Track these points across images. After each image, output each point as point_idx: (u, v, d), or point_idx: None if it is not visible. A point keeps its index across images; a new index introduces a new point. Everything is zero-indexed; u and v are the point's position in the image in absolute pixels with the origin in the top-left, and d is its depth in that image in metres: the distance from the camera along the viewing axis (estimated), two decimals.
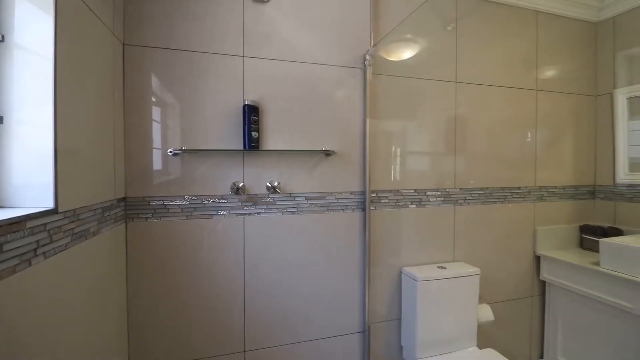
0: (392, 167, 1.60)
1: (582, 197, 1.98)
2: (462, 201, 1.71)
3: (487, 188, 1.76)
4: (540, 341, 1.90)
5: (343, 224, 1.49)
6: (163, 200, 1.27)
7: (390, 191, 1.58)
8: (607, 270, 1.51)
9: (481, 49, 1.73)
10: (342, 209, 1.49)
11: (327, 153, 1.43)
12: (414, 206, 1.63)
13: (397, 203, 1.60)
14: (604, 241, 1.56)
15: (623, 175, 1.87)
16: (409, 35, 1.64)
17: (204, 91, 1.31)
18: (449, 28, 1.70)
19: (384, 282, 1.58)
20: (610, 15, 1.93)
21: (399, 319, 1.60)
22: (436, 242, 1.67)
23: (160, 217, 1.27)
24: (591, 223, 1.93)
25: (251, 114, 1.32)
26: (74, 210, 0.89)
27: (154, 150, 1.26)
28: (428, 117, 1.65)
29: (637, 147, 1.83)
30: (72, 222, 0.87)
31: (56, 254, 0.80)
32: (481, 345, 1.57)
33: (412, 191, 1.62)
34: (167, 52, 1.27)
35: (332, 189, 1.47)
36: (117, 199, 1.17)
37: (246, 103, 1.31)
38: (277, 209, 1.40)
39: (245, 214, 1.36)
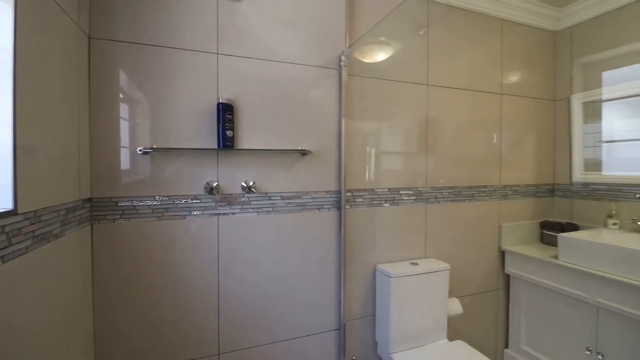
0: (367, 166, 1.63)
1: (542, 195, 2.11)
2: (433, 199, 1.78)
3: (456, 187, 1.84)
4: (505, 332, 2.01)
5: (319, 223, 1.51)
6: (132, 201, 1.23)
7: (365, 190, 1.61)
8: (565, 263, 1.62)
9: (451, 54, 1.81)
10: (318, 208, 1.50)
11: (303, 153, 1.44)
12: (387, 205, 1.67)
13: (372, 202, 1.63)
14: (561, 236, 1.68)
15: (579, 174, 2.02)
16: (382, 38, 1.68)
17: (176, 88, 1.28)
18: (421, 32, 1.76)
19: (359, 279, 1.61)
20: (568, 25, 2.07)
21: (374, 315, 1.64)
22: (409, 239, 1.72)
23: (129, 218, 1.23)
24: (550, 219, 2.07)
25: (225, 113, 1.30)
26: (35, 211, 0.84)
27: (121, 149, 1.21)
28: (401, 119, 1.70)
29: (590, 149, 1.98)
30: (32, 224, 0.83)
31: (15, 258, 0.76)
32: (451, 337, 1.64)
33: (386, 190, 1.67)
34: (136, 47, 1.22)
35: (308, 188, 1.48)
36: (83, 199, 1.12)
37: (220, 101, 1.30)
38: (253, 208, 1.39)
39: (219, 214, 1.34)
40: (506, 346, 2.02)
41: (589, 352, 1.55)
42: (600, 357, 1.50)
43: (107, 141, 1.20)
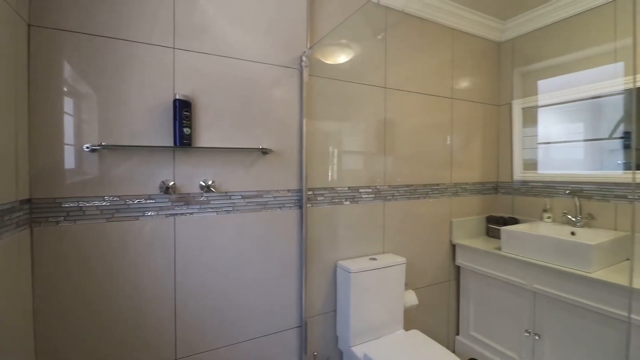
0: (328, 165, 1.67)
1: (487, 192, 2.30)
2: (391, 197, 1.86)
3: (412, 185, 1.94)
4: (456, 319, 2.16)
5: (280, 221, 1.51)
6: (78, 202, 1.15)
7: (326, 189, 1.65)
8: (507, 254, 1.78)
9: (406, 59, 1.90)
10: (280, 207, 1.51)
11: (264, 151, 1.44)
12: (348, 203, 1.72)
13: (333, 200, 1.67)
14: (503, 229, 1.84)
15: (518, 173, 2.22)
16: (343, 41, 1.73)
17: (130, 83, 1.21)
18: (379, 37, 1.83)
19: (320, 276, 1.64)
20: (510, 37, 2.27)
21: (335, 310, 1.68)
22: (368, 235, 1.79)
23: (75, 220, 1.15)
24: (495, 214, 2.25)
25: (182, 109, 1.27)
26: None
27: (65, 147, 1.13)
28: (361, 120, 1.76)
29: (529, 150, 2.19)
30: None
31: None
32: (407, 327, 1.73)
33: (347, 189, 1.72)
34: (84, 38, 1.14)
35: (269, 187, 1.48)
36: (20, 200, 1.02)
37: (177, 97, 1.25)
38: (212, 208, 1.36)
39: (176, 214, 1.30)
40: (457, 333, 2.16)
41: (528, 334, 1.71)
42: (537, 337, 1.67)
43: (49, 138, 1.11)
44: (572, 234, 1.80)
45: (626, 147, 1.77)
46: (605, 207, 1.78)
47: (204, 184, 1.33)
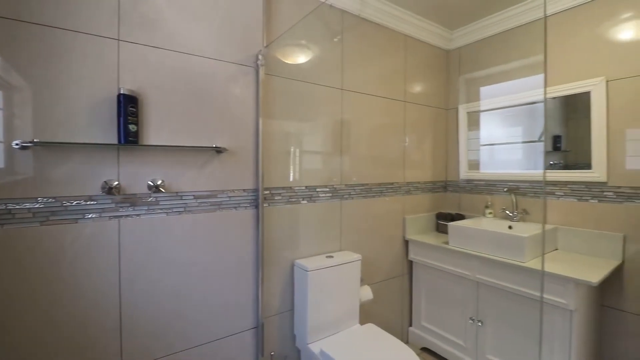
0: (285, 165, 1.67)
1: (437, 191, 2.45)
2: (347, 196, 1.91)
3: (368, 184, 2.01)
4: (409, 312, 2.27)
5: (235, 222, 1.49)
6: (6, 204, 1.04)
7: (283, 188, 1.65)
8: (453, 247, 1.91)
9: (363, 62, 1.96)
10: (235, 207, 1.48)
11: (219, 150, 1.40)
12: (305, 202, 1.74)
13: (290, 199, 1.68)
14: (450, 225, 1.97)
15: (464, 173, 2.39)
16: (303, 41, 1.74)
17: (68, 75, 1.12)
18: (336, 39, 1.87)
19: (277, 276, 1.64)
20: (457, 46, 2.43)
21: (292, 309, 1.69)
22: (325, 234, 1.82)
23: (3, 224, 1.04)
24: (444, 211, 2.41)
25: (128, 105, 1.20)
26: None
27: None
28: (319, 120, 1.79)
29: (473, 152, 2.36)
30: None
31: None
32: (362, 321, 1.78)
33: (304, 188, 1.73)
34: (14, 24, 1.04)
35: (224, 187, 1.45)
36: None
37: (122, 92, 1.18)
38: (161, 209, 1.30)
39: (120, 216, 1.22)
40: (410, 324, 2.28)
41: (472, 321, 1.85)
42: (480, 323, 1.81)
43: None
44: (510, 227, 1.98)
45: (556, 149, 1.98)
46: (537, 203, 1.98)
47: (152, 183, 1.27)
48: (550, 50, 1.91)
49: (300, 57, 1.74)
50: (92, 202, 1.17)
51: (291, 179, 1.69)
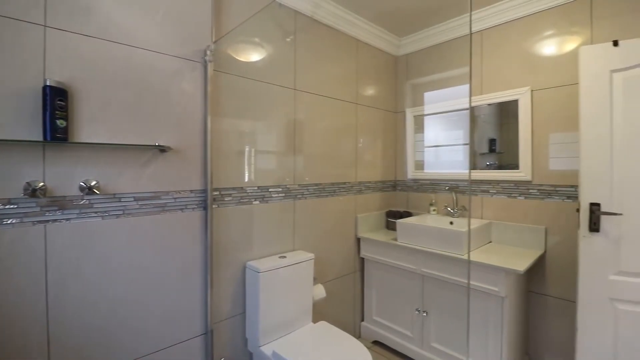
0: (237, 165, 1.63)
1: (387, 190, 2.56)
2: (301, 196, 1.92)
3: (321, 184, 2.03)
4: (361, 307, 2.34)
5: (182, 224, 1.42)
6: None
7: (234, 189, 1.61)
8: (401, 243, 2.01)
9: (315, 63, 1.98)
10: (181, 209, 1.41)
11: (162, 149, 1.32)
12: (257, 202, 1.71)
13: (241, 200, 1.64)
14: (398, 222, 2.07)
15: (411, 172, 2.53)
16: (256, 39, 1.71)
17: None
18: (288, 39, 1.87)
19: (228, 279, 1.59)
20: (405, 52, 2.56)
21: (244, 312, 1.65)
22: (279, 234, 1.81)
23: None
24: (393, 209, 2.52)
25: (55, 98, 1.08)
26: None
27: None
28: (271, 119, 1.77)
29: (419, 153, 2.50)
30: None
31: None
32: (316, 320, 1.80)
33: (256, 188, 1.70)
34: None
35: (168, 187, 1.37)
36: None
37: (48, 84, 1.07)
38: (96, 212, 1.19)
39: (47, 221, 1.10)
40: (362, 319, 2.35)
41: (418, 312, 1.96)
42: (425, 314, 1.93)
43: None
44: (451, 223, 2.13)
45: (492, 151, 2.17)
46: (475, 200, 2.15)
47: (85, 185, 1.16)
48: (485, 61, 2.09)
49: (253, 55, 1.71)
50: (11, 206, 1.04)
51: (243, 180, 1.65)
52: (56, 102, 1.08)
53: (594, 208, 1.45)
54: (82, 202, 1.16)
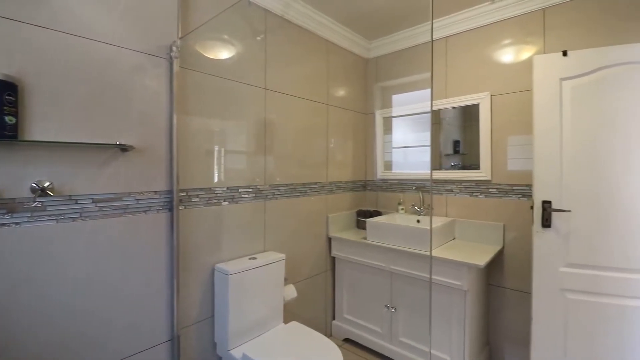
0: (205, 165, 1.59)
1: (358, 189, 2.60)
2: (272, 196, 1.90)
3: (292, 184, 2.03)
4: (332, 306, 2.37)
5: (146, 227, 1.36)
6: None
7: (202, 189, 1.57)
8: (371, 242, 2.05)
9: (286, 63, 1.98)
10: (145, 211, 1.35)
11: (124, 148, 1.26)
12: (227, 203, 1.68)
13: (210, 201, 1.60)
14: (368, 221, 2.11)
15: (381, 173, 2.59)
16: (226, 37, 1.68)
17: None
18: (259, 38, 1.85)
19: (196, 282, 1.55)
20: (375, 55, 2.62)
21: (213, 316, 1.62)
22: (249, 235, 1.78)
23: None
24: (363, 208, 2.57)
25: (4, 93, 1.00)
26: None
27: None
28: (241, 119, 1.74)
29: (388, 153, 2.57)
30: None
31: None
32: (287, 320, 1.79)
33: (225, 189, 1.67)
34: None
35: (131, 188, 1.31)
36: None
37: None
38: (49, 216, 1.12)
39: None
40: (334, 318, 2.37)
41: (387, 309, 2.01)
42: (393, 310, 1.98)
43: None
44: (418, 221, 2.21)
45: (456, 152, 2.27)
46: (440, 199, 2.25)
47: (37, 186, 1.08)
48: (449, 66, 2.19)
49: (223, 53, 1.67)
50: None
51: (212, 180, 1.61)
52: (4, 97, 1.00)
53: (546, 205, 1.57)
54: (34, 205, 1.08)
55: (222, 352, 1.56)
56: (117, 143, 1.23)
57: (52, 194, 1.11)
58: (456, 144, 2.27)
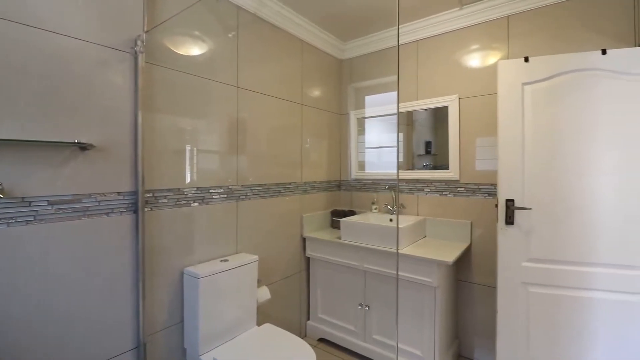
0: (174, 164, 1.53)
1: (332, 189, 2.61)
2: (244, 197, 1.87)
3: (266, 184, 2.00)
4: (307, 306, 2.36)
5: (108, 230, 1.29)
6: None
7: (169, 190, 1.51)
8: (345, 241, 2.06)
9: (259, 61, 1.95)
10: (107, 213, 1.28)
11: (83, 147, 1.19)
12: (197, 204, 1.62)
13: (179, 202, 1.55)
14: (342, 220, 2.13)
15: (354, 173, 2.62)
16: (196, 32, 1.62)
17: None
18: (230, 35, 1.80)
19: (164, 287, 1.49)
20: (349, 57, 2.64)
21: (182, 321, 1.56)
22: (221, 237, 1.74)
23: None
24: (338, 208, 2.58)
25: None
26: None
27: None
28: (212, 117, 1.69)
29: (361, 153, 2.60)
30: None
31: None
32: (260, 322, 1.77)
33: (195, 189, 1.62)
34: None
35: (91, 190, 1.24)
36: None
37: None
38: None
39: None
40: (308, 318, 2.37)
41: (360, 307, 2.04)
42: (367, 308, 2.01)
43: None
44: (391, 220, 2.25)
45: (427, 152, 2.33)
46: (412, 198, 2.30)
47: None
48: (420, 68, 2.25)
49: (193, 49, 1.62)
50: None
51: (181, 180, 1.55)
52: None
53: (509, 204, 1.64)
54: None
55: (193, 358, 1.51)
56: (76, 141, 1.16)
57: (2, 196, 1.02)
58: (428, 144, 2.34)
